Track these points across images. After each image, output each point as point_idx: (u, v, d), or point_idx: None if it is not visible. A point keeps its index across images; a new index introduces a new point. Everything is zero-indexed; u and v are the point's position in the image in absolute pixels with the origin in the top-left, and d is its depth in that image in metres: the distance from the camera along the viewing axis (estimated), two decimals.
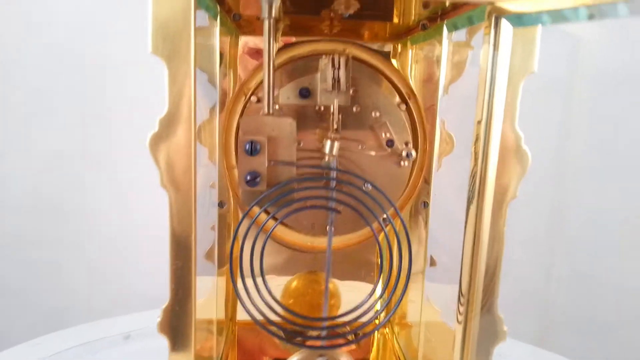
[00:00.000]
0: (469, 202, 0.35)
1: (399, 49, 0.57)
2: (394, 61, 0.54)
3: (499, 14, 0.32)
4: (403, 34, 0.55)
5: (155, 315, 0.35)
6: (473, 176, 0.35)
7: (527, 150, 0.34)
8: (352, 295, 0.56)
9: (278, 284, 0.55)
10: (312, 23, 0.48)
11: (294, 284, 0.55)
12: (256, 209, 0.39)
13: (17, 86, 0.75)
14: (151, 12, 0.32)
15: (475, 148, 0.35)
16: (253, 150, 0.37)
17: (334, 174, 0.40)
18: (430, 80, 0.50)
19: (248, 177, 0.37)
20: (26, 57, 0.75)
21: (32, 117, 0.78)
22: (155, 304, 0.37)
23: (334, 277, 0.56)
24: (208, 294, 0.53)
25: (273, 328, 0.40)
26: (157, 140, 0.33)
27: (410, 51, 0.55)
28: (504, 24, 0.32)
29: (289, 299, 0.55)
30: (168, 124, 0.33)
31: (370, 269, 0.58)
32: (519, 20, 0.32)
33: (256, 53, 0.53)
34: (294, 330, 0.44)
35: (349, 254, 0.55)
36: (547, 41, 0.34)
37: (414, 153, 0.42)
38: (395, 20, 0.50)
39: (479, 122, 0.35)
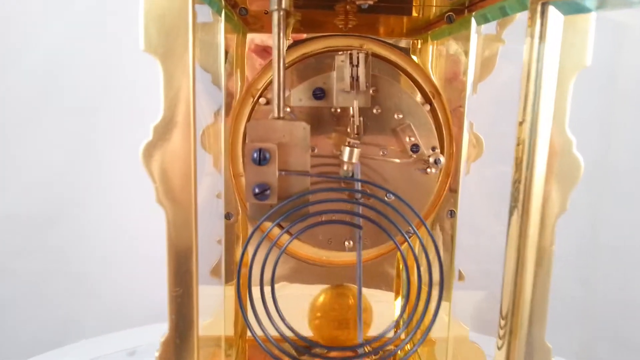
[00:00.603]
0: (511, 215, 0.31)
1: (419, 45, 0.52)
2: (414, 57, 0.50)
3: (545, 0, 0.28)
4: (423, 29, 0.50)
5: (160, 330, 0.31)
6: (515, 186, 0.30)
7: (579, 156, 0.29)
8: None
9: (287, 292, 0.51)
10: (324, 18, 0.44)
11: (321, 298, 0.51)
12: (267, 223, 0.35)
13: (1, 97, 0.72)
14: (143, 3, 0.28)
15: (517, 153, 0.30)
16: (262, 159, 0.32)
17: (357, 184, 0.36)
18: (455, 79, 0.45)
19: (256, 190, 0.33)
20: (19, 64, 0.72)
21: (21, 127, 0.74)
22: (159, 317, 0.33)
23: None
24: (215, 310, 0.50)
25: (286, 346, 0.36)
26: (151, 150, 0.29)
27: (431, 47, 0.50)
28: (553, 12, 0.28)
29: (316, 313, 0.50)
30: (164, 132, 0.29)
31: (389, 280, 0.53)
32: (570, 7, 0.27)
33: (264, 51, 0.49)
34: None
35: (367, 266, 0.51)
36: None
37: (442, 159, 0.37)
38: (415, 13, 0.45)
39: (521, 124, 0.30)
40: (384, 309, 0.53)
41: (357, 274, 0.36)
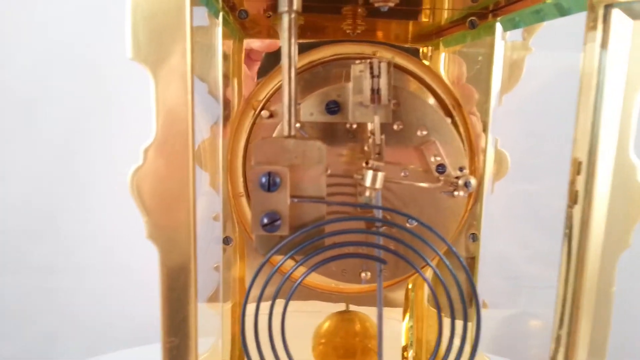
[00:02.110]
0: (564, 252, 0.26)
1: (429, 53, 0.48)
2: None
3: (609, 2, 0.24)
4: (434, 35, 0.46)
5: (146, 354, 0.27)
6: (568, 217, 0.26)
7: None
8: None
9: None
10: (328, 23, 0.40)
11: (326, 325, 0.46)
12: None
13: None
14: (130, 5, 0.23)
15: (571, 177, 0.26)
16: (271, 185, 0.28)
17: (378, 212, 0.31)
18: (460, 79, 0.41)
19: (265, 220, 0.28)
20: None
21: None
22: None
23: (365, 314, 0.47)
24: (211, 346, 0.45)
25: None
26: (142, 178, 0.24)
27: (442, 55, 0.46)
28: (618, 15, 0.23)
29: (320, 339, 0.46)
30: (156, 155, 0.24)
31: (398, 302, 0.49)
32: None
33: (247, 57, 0.43)
34: None
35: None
36: None
37: (473, 182, 0.33)
38: (431, 18, 0.41)
39: (576, 143, 0.26)
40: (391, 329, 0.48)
41: (378, 313, 0.31)
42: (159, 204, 0.24)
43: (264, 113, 0.40)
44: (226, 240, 0.42)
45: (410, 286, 0.48)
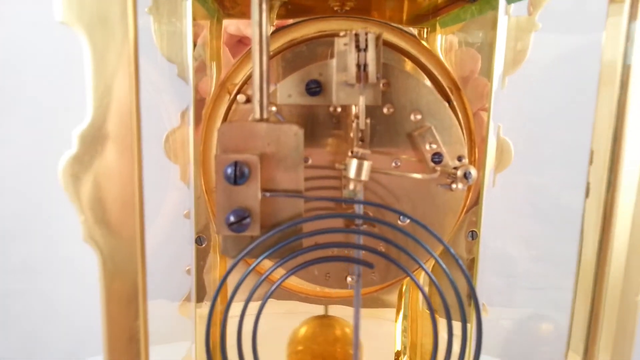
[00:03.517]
0: (581, 256, 0.22)
1: (424, 35, 0.44)
2: None
3: None
4: (430, 14, 0.42)
5: None
6: (587, 216, 0.22)
7: None
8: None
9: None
10: (312, 2, 0.36)
11: (303, 330, 0.42)
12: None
13: None
14: None
15: (591, 172, 0.22)
16: (238, 177, 0.24)
17: (359, 207, 0.27)
18: (473, 73, 0.37)
19: (232, 218, 0.24)
20: None
21: None
22: None
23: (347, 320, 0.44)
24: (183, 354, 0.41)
25: None
26: (77, 169, 0.20)
27: (439, 36, 0.42)
28: None
29: (296, 347, 0.42)
30: (94, 142, 0.20)
31: (390, 304, 0.45)
32: None
33: (240, 43, 0.39)
34: None
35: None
36: None
37: (474, 172, 0.29)
38: None
39: (595, 133, 0.22)
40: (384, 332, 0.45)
41: (355, 322, 0.27)
42: (99, 201, 0.20)
43: (240, 97, 0.35)
44: (199, 240, 0.37)
45: (404, 288, 0.44)
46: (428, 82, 0.35)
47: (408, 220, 0.31)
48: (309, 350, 0.41)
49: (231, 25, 0.39)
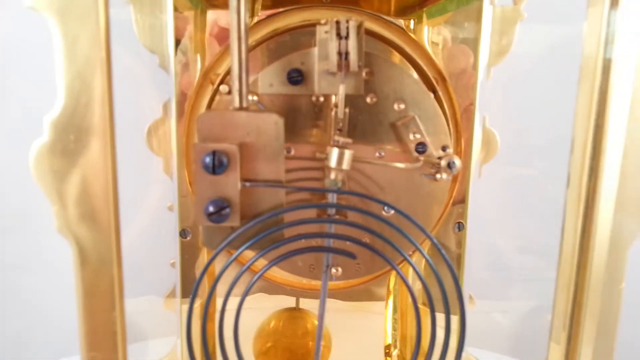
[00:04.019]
0: (564, 243, 0.22)
1: (411, 26, 0.43)
2: None
3: None
4: (417, 5, 0.41)
5: None
6: (570, 205, 0.22)
7: None
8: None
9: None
10: None
11: (272, 324, 0.42)
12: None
13: None
14: None
15: (572, 159, 0.22)
16: (217, 166, 0.23)
17: (333, 197, 0.27)
18: (459, 64, 0.37)
19: (211, 209, 0.23)
20: None
21: None
22: None
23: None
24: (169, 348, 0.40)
25: None
26: (48, 156, 0.19)
27: (426, 28, 0.42)
28: None
29: (266, 342, 0.41)
30: (65, 129, 0.19)
31: (378, 296, 0.45)
32: None
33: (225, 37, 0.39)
34: None
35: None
36: None
37: (458, 162, 0.28)
38: None
39: (577, 123, 0.22)
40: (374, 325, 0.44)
41: (319, 313, 0.27)
42: (72, 191, 0.20)
43: (223, 88, 0.35)
44: (183, 234, 0.37)
45: (392, 282, 0.44)
46: (413, 73, 0.35)
47: (393, 211, 0.31)
48: (280, 346, 0.41)
49: (222, 18, 0.38)
